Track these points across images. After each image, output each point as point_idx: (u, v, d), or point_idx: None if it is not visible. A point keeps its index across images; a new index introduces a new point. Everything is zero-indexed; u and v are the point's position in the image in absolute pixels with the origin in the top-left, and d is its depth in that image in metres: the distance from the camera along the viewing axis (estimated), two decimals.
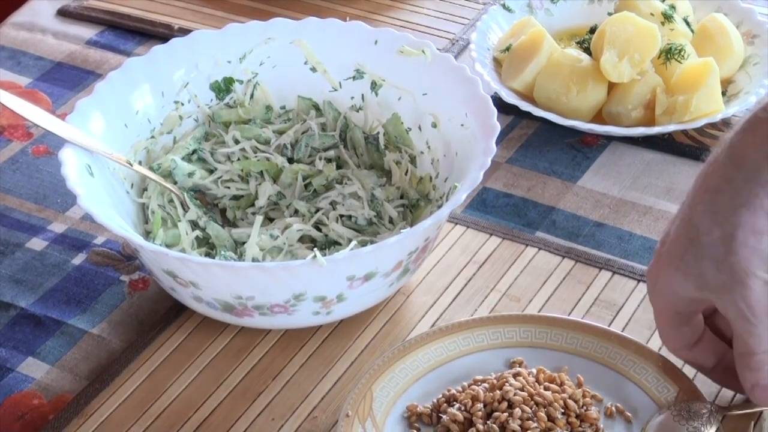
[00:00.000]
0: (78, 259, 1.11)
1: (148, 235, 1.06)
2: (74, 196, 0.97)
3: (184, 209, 1.07)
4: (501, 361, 0.97)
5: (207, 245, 1.06)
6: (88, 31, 1.40)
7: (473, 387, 0.94)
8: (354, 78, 1.14)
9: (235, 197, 1.11)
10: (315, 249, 0.96)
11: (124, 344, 1.03)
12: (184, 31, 1.31)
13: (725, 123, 1.23)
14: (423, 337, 0.98)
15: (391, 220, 1.08)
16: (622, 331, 1.03)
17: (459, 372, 0.96)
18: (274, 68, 1.15)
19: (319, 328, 1.03)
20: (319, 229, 1.06)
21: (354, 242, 1.02)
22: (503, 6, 1.32)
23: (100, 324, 1.05)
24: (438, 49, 1.12)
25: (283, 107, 1.16)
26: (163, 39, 1.27)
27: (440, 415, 0.93)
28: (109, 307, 1.06)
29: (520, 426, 0.90)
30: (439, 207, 1.01)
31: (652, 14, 1.25)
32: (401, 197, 1.10)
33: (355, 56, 1.13)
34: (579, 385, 0.95)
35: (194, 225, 1.07)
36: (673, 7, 1.27)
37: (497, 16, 1.32)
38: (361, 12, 1.41)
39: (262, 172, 1.11)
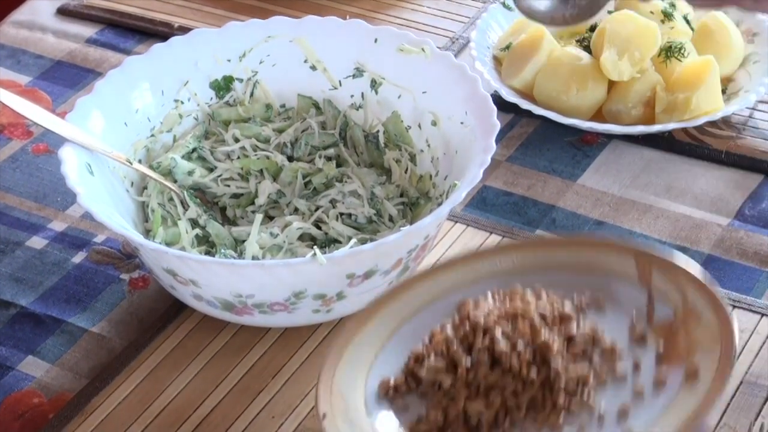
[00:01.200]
0: (78, 258, 1.11)
1: (148, 233, 1.06)
2: (74, 194, 0.97)
3: (183, 208, 1.07)
4: (451, 307, 0.92)
5: (207, 243, 1.06)
6: (88, 30, 1.40)
7: (437, 336, 0.89)
8: (354, 76, 1.14)
9: (235, 195, 1.11)
10: (315, 247, 0.96)
11: (124, 343, 1.03)
12: (184, 30, 1.31)
13: (725, 121, 1.23)
14: (361, 314, 0.93)
15: (391, 219, 1.08)
16: None
17: (414, 332, 0.92)
18: (274, 67, 1.15)
19: (318, 327, 1.04)
20: (319, 228, 1.06)
21: (354, 240, 1.02)
22: (503, 4, 1.32)
23: (100, 322, 1.05)
24: (438, 47, 1.12)
25: (282, 105, 1.16)
26: (163, 37, 1.27)
27: (417, 376, 0.88)
28: (109, 306, 1.06)
29: (507, 343, 0.85)
30: (439, 205, 1.01)
31: (652, 12, 1.25)
32: (401, 195, 1.10)
33: (354, 54, 1.13)
34: (538, 295, 0.91)
35: (194, 223, 1.07)
36: (673, 5, 1.27)
37: (497, 15, 1.32)
38: (360, 10, 1.41)
39: (261, 170, 1.11)
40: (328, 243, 1.05)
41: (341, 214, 1.07)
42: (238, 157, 1.12)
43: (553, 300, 0.90)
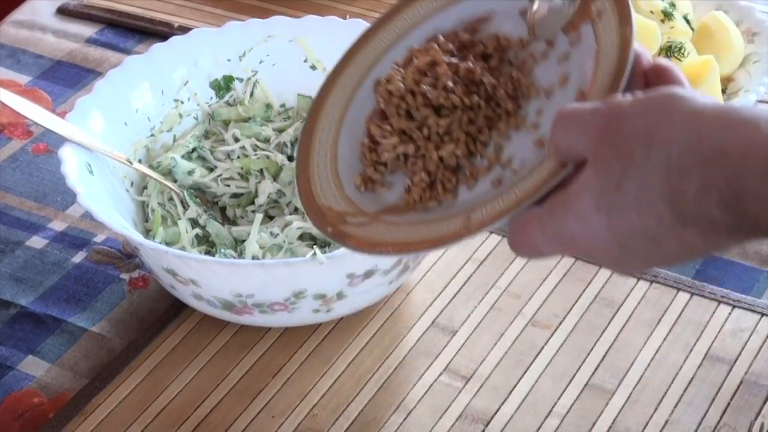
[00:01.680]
0: (78, 258, 1.11)
1: (148, 233, 1.06)
2: (74, 194, 0.97)
3: (183, 207, 1.07)
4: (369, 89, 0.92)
5: (207, 243, 1.06)
6: (88, 30, 1.40)
7: (373, 124, 0.88)
8: None
9: (235, 195, 1.11)
10: (315, 247, 0.96)
11: (124, 342, 1.03)
12: (184, 30, 1.31)
13: None
14: (306, 124, 0.92)
15: None
16: (622, 330, 1.03)
17: (355, 124, 0.91)
18: (274, 66, 1.15)
19: (319, 326, 1.04)
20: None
21: None
22: None
23: (100, 322, 1.05)
24: None
25: (282, 105, 1.16)
26: (163, 37, 1.27)
27: (381, 162, 0.87)
28: (109, 306, 1.06)
29: (436, 91, 0.85)
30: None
31: (651, 12, 1.25)
32: None
33: None
34: (436, 41, 0.90)
35: (194, 223, 1.07)
36: (673, 4, 1.27)
37: None
38: (360, 10, 1.40)
39: (261, 170, 1.11)
40: (329, 242, 1.05)
41: None
42: (238, 157, 1.12)
43: (452, 37, 0.90)
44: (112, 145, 1.06)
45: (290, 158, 1.12)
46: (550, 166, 0.77)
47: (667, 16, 1.25)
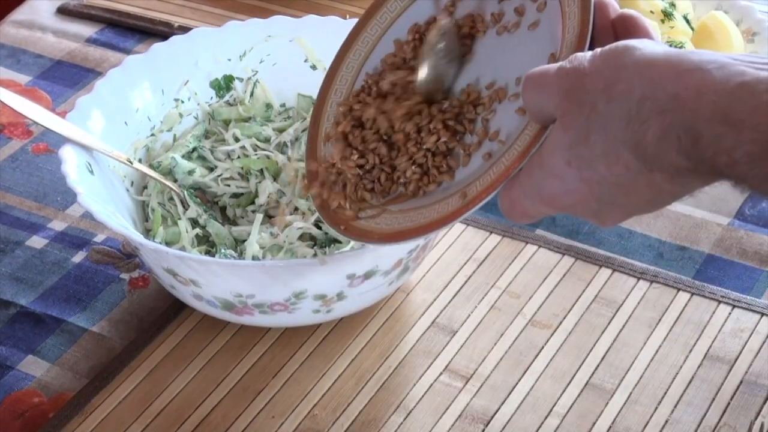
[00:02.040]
0: (78, 257, 1.11)
1: (148, 233, 1.06)
2: (74, 194, 0.97)
3: (184, 207, 1.07)
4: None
5: (207, 243, 1.06)
6: (88, 29, 1.40)
7: (337, 136, 0.93)
8: None
9: (235, 195, 1.11)
10: (315, 247, 0.96)
11: (124, 342, 1.03)
12: (184, 29, 1.31)
13: None
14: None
15: None
16: (622, 329, 1.03)
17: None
18: (274, 66, 1.15)
19: (319, 326, 1.04)
20: (320, 227, 1.06)
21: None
22: None
23: (100, 322, 1.05)
24: None
25: (283, 105, 1.16)
26: (163, 37, 1.27)
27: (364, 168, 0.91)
28: (109, 305, 1.06)
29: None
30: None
31: (652, 12, 1.25)
32: None
33: None
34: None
35: (194, 223, 1.07)
36: (673, 4, 1.27)
37: None
38: (360, 9, 1.40)
39: (262, 170, 1.11)
40: (329, 243, 1.05)
41: None
42: (239, 157, 1.12)
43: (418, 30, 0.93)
44: (112, 144, 1.06)
45: (290, 158, 1.12)
46: (533, 131, 0.79)
47: (667, 15, 1.25)
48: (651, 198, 0.75)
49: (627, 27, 0.80)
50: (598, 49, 0.74)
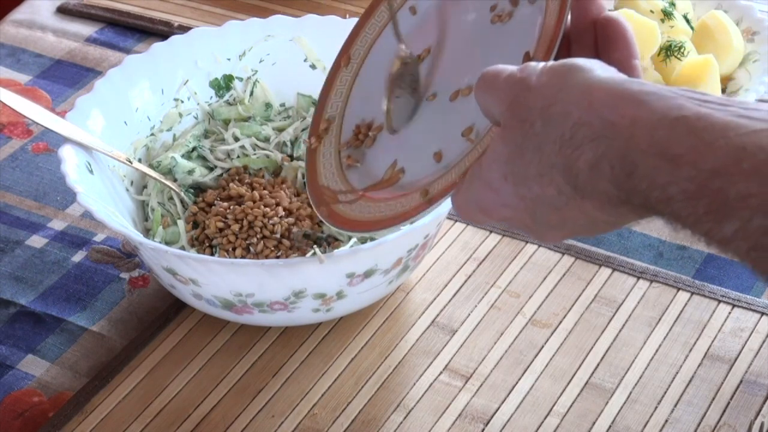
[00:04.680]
0: (78, 257, 1.11)
1: (147, 232, 1.06)
2: (74, 193, 0.97)
3: (183, 206, 1.07)
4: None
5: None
6: (88, 29, 1.40)
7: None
8: None
9: None
10: (315, 246, 0.96)
11: (124, 342, 1.03)
12: (184, 29, 1.31)
13: None
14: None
15: None
16: (621, 329, 1.03)
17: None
18: (274, 65, 1.15)
19: (318, 326, 1.04)
20: (319, 226, 1.06)
21: (354, 239, 1.02)
22: None
23: (100, 321, 1.05)
24: None
25: (282, 104, 1.16)
26: (163, 36, 1.27)
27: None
28: (109, 305, 1.06)
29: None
30: (439, 204, 1.01)
31: (651, 11, 1.25)
32: None
33: None
34: None
35: (193, 222, 1.07)
36: (672, 4, 1.27)
37: None
38: (360, 9, 1.40)
39: (261, 169, 1.11)
40: (328, 242, 1.05)
41: None
42: (238, 156, 1.12)
43: None
44: (112, 144, 1.06)
45: (291, 157, 1.12)
46: (495, 132, 0.78)
47: (666, 15, 1.25)
48: (585, 224, 0.73)
49: (607, 33, 0.79)
50: (549, 64, 0.73)
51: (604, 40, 0.79)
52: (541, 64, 0.73)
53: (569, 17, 0.79)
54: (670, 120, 0.66)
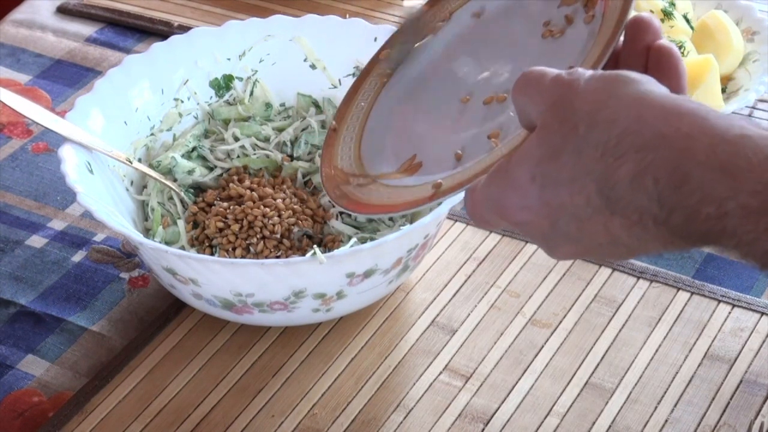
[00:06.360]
0: (78, 257, 1.11)
1: (147, 232, 1.06)
2: (74, 193, 0.97)
3: (183, 206, 1.07)
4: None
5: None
6: (88, 29, 1.40)
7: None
8: (353, 75, 1.13)
9: None
10: (315, 246, 0.96)
11: (124, 341, 1.03)
12: (184, 29, 1.31)
13: None
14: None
15: (390, 218, 1.07)
16: (621, 329, 1.03)
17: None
18: (274, 65, 1.15)
19: (318, 326, 1.04)
20: (320, 226, 1.06)
21: (354, 239, 1.02)
22: None
23: (99, 321, 1.05)
24: None
25: (282, 104, 1.16)
26: (163, 36, 1.27)
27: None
28: (109, 305, 1.06)
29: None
30: (439, 204, 1.01)
31: (651, 11, 1.25)
32: None
33: (354, 53, 1.13)
34: None
35: (194, 222, 1.07)
36: (672, 3, 1.27)
37: None
38: (360, 9, 1.41)
39: (261, 169, 1.11)
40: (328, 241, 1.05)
41: (341, 212, 1.07)
42: (238, 156, 1.12)
43: None
44: (111, 144, 1.06)
45: (291, 157, 1.12)
46: (523, 135, 0.77)
47: (666, 15, 1.25)
48: (605, 243, 0.70)
49: (660, 61, 0.76)
50: (599, 71, 0.71)
51: (656, 68, 0.76)
52: (591, 71, 0.71)
53: (621, 38, 0.78)
54: (733, 136, 0.64)
